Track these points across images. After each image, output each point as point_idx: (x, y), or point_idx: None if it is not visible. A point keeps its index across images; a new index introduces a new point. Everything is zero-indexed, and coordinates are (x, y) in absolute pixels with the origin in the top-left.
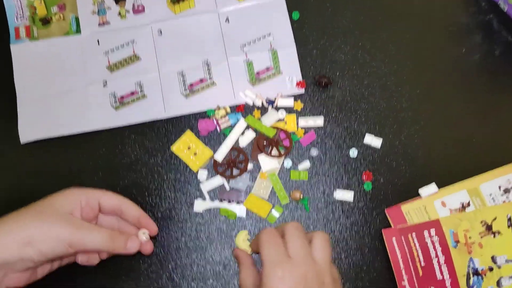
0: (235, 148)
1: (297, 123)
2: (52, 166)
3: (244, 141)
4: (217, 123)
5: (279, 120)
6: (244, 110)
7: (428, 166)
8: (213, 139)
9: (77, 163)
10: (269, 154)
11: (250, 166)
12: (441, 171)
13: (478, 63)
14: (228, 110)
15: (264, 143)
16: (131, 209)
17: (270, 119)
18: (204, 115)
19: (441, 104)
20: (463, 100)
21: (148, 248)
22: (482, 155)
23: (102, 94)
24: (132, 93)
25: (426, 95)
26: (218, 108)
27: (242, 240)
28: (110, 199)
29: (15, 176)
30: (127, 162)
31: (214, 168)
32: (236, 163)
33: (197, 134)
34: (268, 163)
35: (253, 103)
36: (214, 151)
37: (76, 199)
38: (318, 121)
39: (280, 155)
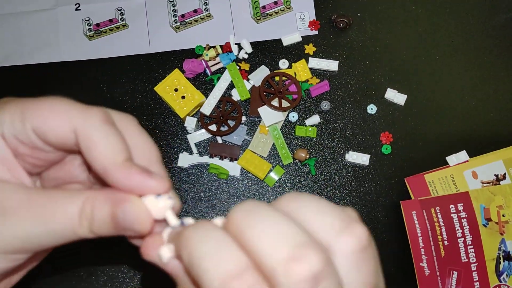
0: (228, 99)
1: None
2: None
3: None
4: (207, 65)
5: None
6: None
7: (458, 131)
8: (207, 83)
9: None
10: (272, 105)
11: (243, 118)
12: (474, 138)
13: None
14: (220, 50)
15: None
16: (103, 148)
17: (259, 76)
18: (192, 54)
19: (479, 59)
20: (505, 56)
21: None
22: None
23: (74, 19)
24: (111, 21)
25: (463, 47)
26: (208, 47)
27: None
28: (54, 122)
29: None
30: (100, 102)
31: (201, 122)
32: (228, 117)
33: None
34: (269, 115)
35: (237, 56)
36: (207, 97)
37: None
38: (332, 65)
39: (281, 107)
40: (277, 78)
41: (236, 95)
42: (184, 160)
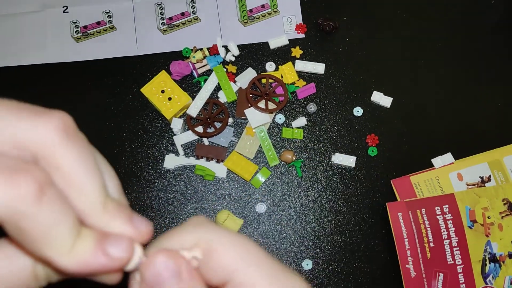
0: (214, 101)
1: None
2: None
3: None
4: (194, 67)
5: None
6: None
7: (444, 134)
8: (194, 85)
9: (27, 100)
10: (259, 107)
11: (230, 120)
12: (459, 140)
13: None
14: (207, 53)
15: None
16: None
17: (245, 79)
18: (180, 56)
19: (464, 62)
20: (490, 60)
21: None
22: (508, 123)
23: (61, 21)
24: (98, 24)
25: (448, 50)
26: (195, 49)
27: (222, 223)
28: None
29: None
30: (87, 103)
31: (188, 123)
32: (214, 119)
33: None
34: (256, 117)
35: (224, 59)
36: (194, 99)
37: None
38: (318, 67)
39: (267, 109)
40: (263, 81)
41: (222, 97)
42: (170, 161)
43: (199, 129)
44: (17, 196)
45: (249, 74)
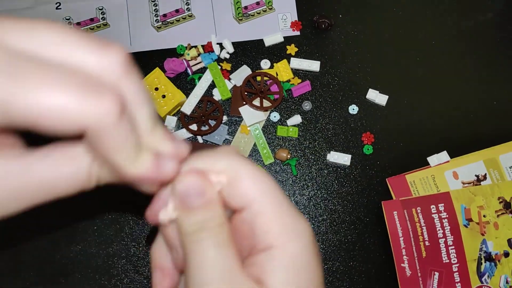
0: (209, 99)
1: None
2: None
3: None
4: (188, 65)
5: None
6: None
7: (439, 131)
8: (188, 82)
9: None
10: (253, 104)
11: (224, 118)
12: (455, 138)
13: (504, 23)
14: (201, 50)
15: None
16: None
17: (240, 76)
18: (174, 53)
19: (459, 60)
20: (486, 58)
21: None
22: (503, 121)
23: (54, 18)
24: (92, 20)
25: (443, 48)
26: (189, 47)
27: None
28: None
29: None
30: None
31: (182, 121)
32: (209, 116)
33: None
34: (251, 115)
35: (218, 56)
36: (188, 96)
37: None
38: (313, 65)
39: (262, 107)
40: (258, 78)
41: (217, 95)
42: None
43: (193, 127)
44: (106, 112)
45: (244, 71)
